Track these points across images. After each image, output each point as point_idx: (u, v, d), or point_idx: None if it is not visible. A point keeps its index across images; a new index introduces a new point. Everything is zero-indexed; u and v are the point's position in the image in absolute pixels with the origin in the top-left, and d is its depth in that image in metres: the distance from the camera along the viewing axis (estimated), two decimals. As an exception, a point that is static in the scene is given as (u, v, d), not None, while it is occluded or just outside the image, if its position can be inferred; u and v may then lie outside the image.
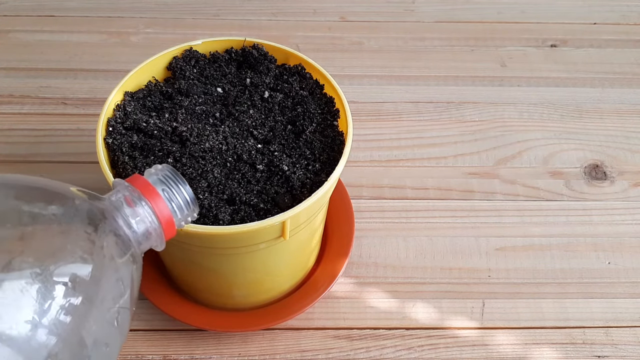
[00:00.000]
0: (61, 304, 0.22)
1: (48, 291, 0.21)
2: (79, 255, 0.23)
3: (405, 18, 0.65)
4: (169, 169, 0.27)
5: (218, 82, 0.38)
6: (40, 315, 0.21)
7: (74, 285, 0.22)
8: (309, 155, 0.34)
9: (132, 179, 0.26)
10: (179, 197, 0.27)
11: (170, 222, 0.26)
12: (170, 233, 0.27)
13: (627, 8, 0.68)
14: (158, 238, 0.26)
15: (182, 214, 0.27)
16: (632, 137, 0.54)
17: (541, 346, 0.41)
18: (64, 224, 0.23)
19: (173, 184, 0.27)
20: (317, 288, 0.41)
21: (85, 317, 0.22)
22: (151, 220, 0.26)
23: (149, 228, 0.26)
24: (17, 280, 0.21)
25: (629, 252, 0.46)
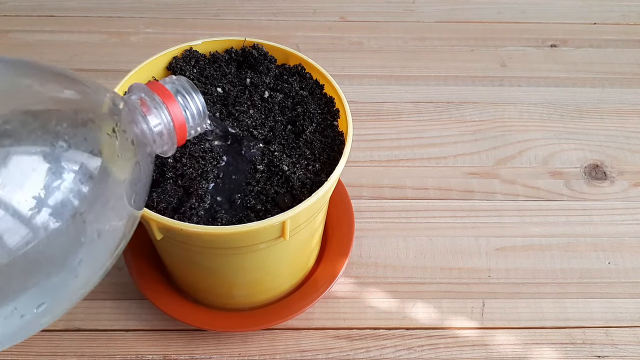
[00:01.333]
0: (70, 188, 0.22)
1: (57, 172, 0.21)
2: (95, 143, 0.23)
3: (405, 18, 0.65)
4: (185, 79, 0.29)
5: (218, 82, 0.38)
6: (47, 194, 0.21)
7: (85, 173, 0.22)
8: (309, 155, 0.34)
9: (151, 84, 0.28)
10: (192, 104, 0.28)
11: (183, 127, 0.28)
12: (182, 138, 0.28)
13: (627, 8, 0.68)
14: (170, 141, 0.28)
15: (193, 121, 0.29)
16: (632, 137, 0.54)
17: (541, 346, 0.41)
18: (84, 110, 0.24)
19: (187, 92, 0.28)
20: (317, 288, 0.41)
21: (91, 204, 0.22)
22: (167, 122, 0.27)
23: (163, 129, 0.27)
24: (28, 155, 0.21)
25: (629, 252, 0.46)
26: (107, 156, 0.23)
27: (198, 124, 0.29)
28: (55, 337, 0.41)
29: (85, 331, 0.41)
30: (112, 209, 0.24)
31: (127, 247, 0.41)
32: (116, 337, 0.41)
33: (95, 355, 0.40)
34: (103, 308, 0.42)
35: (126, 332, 0.41)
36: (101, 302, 0.42)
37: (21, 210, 0.20)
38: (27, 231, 0.20)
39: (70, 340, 0.41)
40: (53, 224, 0.21)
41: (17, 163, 0.21)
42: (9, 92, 0.22)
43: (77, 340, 0.41)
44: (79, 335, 0.41)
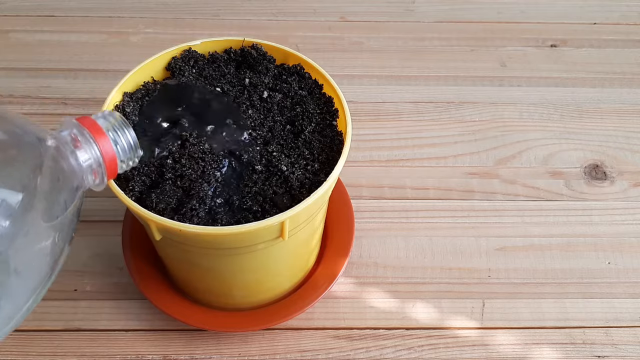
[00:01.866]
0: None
1: None
2: (17, 180, 0.23)
3: (405, 18, 0.65)
4: (118, 115, 0.29)
5: (217, 82, 0.38)
6: None
7: (5, 210, 0.22)
8: (308, 155, 0.34)
9: (81, 119, 0.28)
10: (123, 139, 0.29)
11: (114, 162, 0.28)
12: (112, 173, 0.29)
13: (627, 8, 0.68)
14: (100, 176, 0.28)
15: (125, 156, 0.29)
16: (632, 137, 0.54)
17: (541, 346, 0.41)
18: (7, 147, 0.24)
19: (119, 127, 0.29)
20: (317, 288, 0.41)
21: (11, 241, 0.23)
22: (97, 157, 0.28)
23: (93, 164, 0.28)
24: None
25: (629, 252, 0.46)
26: (29, 192, 0.23)
27: (129, 158, 0.30)
28: (55, 337, 0.41)
29: (85, 331, 0.41)
30: (34, 246, 0.24)
31: (127, 247, 0.41)
32: (116, 337, 0.41)
33: (95, 355, 0.40)
34: (103, 308, 0.42)
35: (126, 332, 0.41)
36: (101, 302, 0.42)
37: None
38: None
39: (70, 340, 0.41)
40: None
41: None
42: None
43: (77, 340, 0.41)
44: (79, 335, 0.41)
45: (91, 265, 0.44)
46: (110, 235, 0.45)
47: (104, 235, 0.45)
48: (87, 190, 0.28)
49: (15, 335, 0.41)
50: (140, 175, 0.32)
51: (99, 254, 0.45)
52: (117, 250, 0.43)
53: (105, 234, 0.45)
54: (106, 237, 0.45)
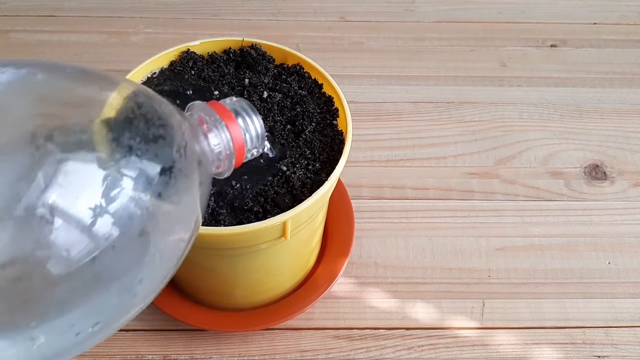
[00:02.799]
0: (136, 203, 0.21)
1: (116, 181, 0.20)
2: (165, 160, 0.22)
3: (405, 18, 0.65)
4: (245, 101, 0.28)
5: (216, 83, 0.38)
6: (107, 202, 0.20)
7: (153, 190, 0.22)
8: (309, 155, 0.34)
9: (212, 104, 0.27)
10: (251, 126, 0.28)
11: (242, 149, 0.27)
12: (239, 160, 0.28)
13: (627, 8, 0.68)
14: (228, 162, 0.27)
15: (252, 144, 0.28)
16: (632, 137, 0.54)
17: (541, 346, 0.41)
18: (155, 125, 0.23)
19: (247, 114, 0.28)
20: (317, 288, 0.41)
21: (164, 208, 0.22)
22: (226, 142, 0.27)
23: (222, 150, 0.27)
24: (86, 162, 0.20)
25: (629, 252, 0.46)
26: (175, 174, 0.23)
27: (256, 147, 0.28)
28: (55, 337, 0.41)
29: (85, 331, 0.41)
30: (176, 228, 0.23)
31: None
32: (116, 337, 0.41)
33: (95, 355, 0.40)
34: (103, 308, 0.42)
35: (126, 332, 0.41)
36: (101, 302, 0.42)
37: (83, 219, 0.20)
38: (89, 242, 0.20)
39: (70, 340, 0.41)
40: (116, 237, 0.20)
41: (83, 172, 0.20)
42: (84, 100, 0.22)
43: (77, 340, 0.41)
44: (79, 335, 0.41)
45: (91, 265, 0.44)
46: (110, 235, 0.45)
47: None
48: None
49: (15, 335, 0.41)
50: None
51: (99, 254, 0.45)
52: (117, 250, 0.43)
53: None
54: (106, 237, 0.45)
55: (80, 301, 0.21)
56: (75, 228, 0.19)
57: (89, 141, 0.21)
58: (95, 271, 0.20)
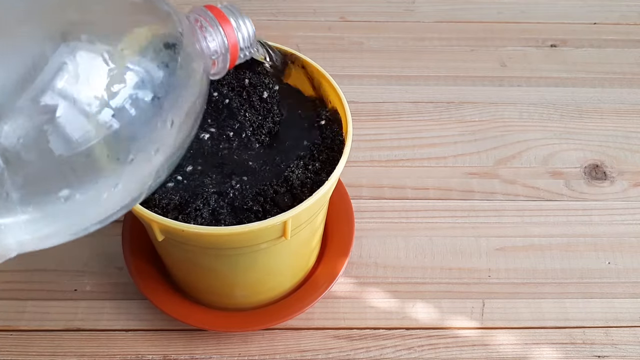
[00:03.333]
0: (137, 89, 0.23)
1: (127, 72, 0.23)
2: (162, 49, 0.25)
3: (405, 18, 0.65)
4: (235, 5, 0.31)
5: (216, 83, 0.38)
6: (116, 93, 0.23)
7: (153, 76, 0.24)
8: (309, 154, 0.34)
9: (207, 6, 0.30)
10: (243, 27, 0.30)
11: (235, 47, 0.30)
12: (233, 59, 0.30)
13: (627, 8, 0.68)
14: (223, 61, 0.30)
15: (244, 43, 0.30)
16: (632, 137, 0.54)
17: (541, 346, 0.41)
18: (152, 14, 0.26)
19: (240, 16, 0.30)
20: (317, 288, 0.41)
21: (156, 111, 0.24)
22: (221, 41, 0.29)
23: (217, 48, 0.29)
24: (95, 54, 0.22)
25: (629, 252, 0.46)
26: (178, 52, 0.25)
27: (247, 47, 0.31)
28: (56, 337, 0.41)
29: (85, 331, 0.41)
30: (184, 102, 0.26)
31: (127, 247, 0.41)
32: (116, 337, 0.41)
33: (95, 355, 0.40)
34: (103, 308, 0.42)
35: (126, 332, 0.41)
36: (101, 302, 0.42)
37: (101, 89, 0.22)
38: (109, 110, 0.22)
39: (70, 340, 0.41)
40: (135, 102, 0.23)
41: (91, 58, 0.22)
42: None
43: (77, 340, 0.41)
44: (79, 335, 0.41)
45: (91, 265, 0.44)
46: (110, 235, 0.45)
47: (104, 235, 0.45)
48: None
49: (15, 335, 0.41)
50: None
51: (99, 254, 0.45)
52: (117, 250, 0.43)
53: (105, 234, 0.45)
54: (106, 237, 0.45)
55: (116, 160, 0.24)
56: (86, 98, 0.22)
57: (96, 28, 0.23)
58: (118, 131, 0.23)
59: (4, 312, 0.42)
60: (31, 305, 0.42)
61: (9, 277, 0.43)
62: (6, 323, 0.41)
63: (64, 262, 0.44)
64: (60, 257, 0.44)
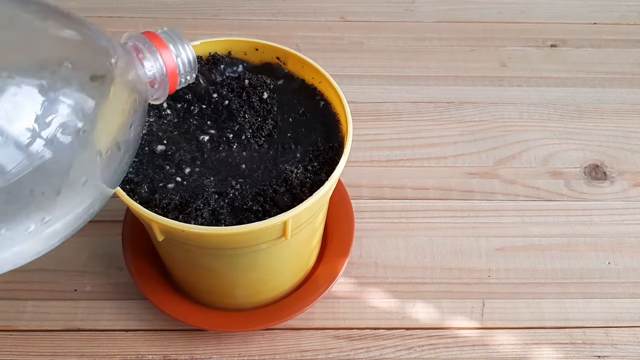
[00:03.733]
0: (62, 122, 0.23)
1: (51, 107, 0.23)
2: (88, 82, 0.24)
3: (405, 18, 0.65)
4: (176, 31, 0.30)
5: (215, 85, 0.38)
6: (41, 127, 0.22)
7: (79, 109, 0.24)
8: (309, 155, 0.34)
9: (145, 33, 0.29)
10: (183, 53, 0.30)
11: (175, 73, 0.30)
12: (173, 85, 0.30)
13: (627, 8, 0.68)
14: (163, 87, 0.30)
15: (184, 69, 0.30)
16: (632, 137, 0.54)
17: (541, 346, 0.41)
18: (79, 48, 0.25)
19: (179, 41, 0.30)
20: (317, 288, 0.41)
21: (82, 144, 0.24)
22: (160, 67, 0.29)
23: (156, 74, 0.29)
24: (24, 86, 0.22)
25: (629, 252, 0.46)
26: (108, 82, 0.25)
27: (188, 72, 0.30)
28: (56, 337, 0.41)
29: (85, 331, 0.41)
30: (113, 133, 0.26)
31: (127, 247, 0.41)
32: (116, 337, 0.41)
33: (95, 355, 0.40)
34: (103, 308, 0.42)
35: (126, 332, 0.41)
36: (101, 302, 0.42)
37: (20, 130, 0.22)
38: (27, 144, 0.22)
39: (70, 340, 0.41)
40: (59, 137, 0.23)
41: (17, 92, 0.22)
42: (11, 23, 0.23)
43: (77, 340, 0.41)
44: (79, 335, 0.41)
45: (91, 265, 0.44)
46: (110, 235, 0.45)
47: (104, 235, 0.45)
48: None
49: (15, 335, 0.41)
50: (145, 182, 0.33)
51: (99, 254, 0.45)
52: (117, 250, 0.43)
53: (105, 234, 0.45)
54: (106, 237, 0.45)
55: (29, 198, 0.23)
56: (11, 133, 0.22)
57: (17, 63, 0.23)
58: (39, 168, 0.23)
59: (4, 312, 0.42)
60: (31, 305, 0.42)
61: (9, 277, 0.43)
62: (6, 323, 0.41)
63: (64, 262, 0.44)
64: (60, 257, 0.44)
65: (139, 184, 0.32)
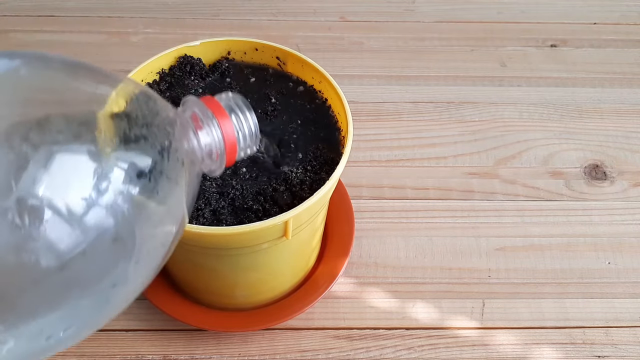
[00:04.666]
0: (121, 190, 0.20)
1: (105, 174, 0.20)
2: (147, 149, 0.22)
3: (405, 18, 0.65)
4: (240, 98, 0.27)
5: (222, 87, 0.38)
6: (97, 195, 0.20)
7: (137, 176, 0.21)
8: (310, 155, 0.34)
9: (205, 99, 0.26)
10: (245, 125, 0.27)
11: (234, 147, 0.26)
12: (231, 158, 0.27)
13: (627, 8, 0.68)
14: (219, 161, 0.26)
15: (244, 143, 0.27)
16: (632, 137, 0.54)
17: (541, 346, 0.41)
18: (137, 125, 0.22)
19: (242, 111, 0.26)
20: (317, 288, 0.41)
21: (142, 212, 0.21)
22: (218, 141, 0.26)
23: (213, 149, 0.26)
24: (79, 155, 0.20)
25: (629, 252, 0.46)
26: (156, 176, 0.22)
27: (249, 146, 0.27)
28: (55, 337, 0.41)
29: (85, 331, 0.41)
30: (156, 231, 0.23)
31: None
32: (116, 337, 0.41)
33: (95, 355, 0.40)
34: (103, 308, 0.42)
35: (126, 332, 0.41)
36: (101, 302, 0.42)
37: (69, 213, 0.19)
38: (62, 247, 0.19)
39: (70, 340, 0.40)
40: (88, 243, 0.20)
41: (63, 167, 0.20)
42: (58, 92, 0.21)
43: (77, 340, 0.41)
44: (79, 335, 0.41)
45: (91, 265, 0.44)
46: (111, 235, 0.45)
47: (104, 235, 0.45)
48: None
49: (16, 335, 0.41)
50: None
51: (99, 254, 0.44)
52: (117, 250, 0.43)
53: (106, 234, 0.45)
54: (106, 237, 0.45)
55: (51, 306, 0.20)
56: (49, 233, 0.19)
57: (63, 134, 0.20)
58: (67, 277, 0.20)
59: (4, 312, 0.42)
60: (31, 305, 0.42)
61: (9, 277, 0.43)
62: (6, 323, 0.41)
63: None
64: (60, 257, 0.44)
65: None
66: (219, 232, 0.30)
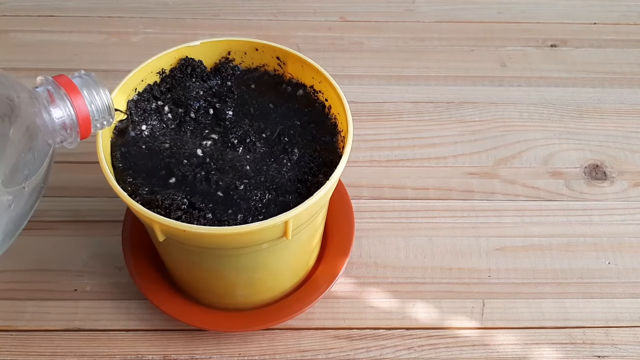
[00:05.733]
0: None
1: None
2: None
3: (405, 18, 0.65)
4: (92, 75, 0.30)
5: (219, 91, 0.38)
6: None
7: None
8: (310, 155, 0.34)
9: (58, 77, 0.29)
10: (98, 99, 0.30)
11: (87, 121, 0.29)
12: (85, 131, 0.30)
13: (627, 8, 0.68)
14: (73, 134, 0.29)
15: (98, 115, 0.30)
16: (632, 137, 0.54)
17: (541, 346, 0.41)
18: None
19: (94, 86, 0.30)
20: (317, 288, 0.41)
21: None
22: (70, 115, 0.29)
23: (66, 122, 0.29)
24: None
25: (629, 252, 0.46)
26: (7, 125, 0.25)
27: (104, 118, 0.30)
28: (55, 337, 0.41)
29: (85, 331, 0.41)
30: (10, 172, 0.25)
31: (127, 247, 0.41)
32: (116, 337, 0.41)
33: (95, 355, 0.40)
34: (103, 308, 0.42)
35: (126, 332, 0.41)
36: (101, 302, 0.42)
37: None
38: None
39: (70, 340, 0.41)
40: None
41: None
42: None
43: (77, 340, 0.41)
44: (79, 335, 0.41)
45: (91, 265, 0.44)
46: (110, 235, 0.45)
47: (104, 235, 0.45)
48: (85, 189, 0.28)
49: (15, 335, 0.41)
50: (146, 185, 0.33)
51: (99, 254, 0.45)
52: (117, 250, 0.43)
53: (105, 234, 0.45)
54: (106, 237, 0.45)
55: None
56: None
57: None
58: None
59: (4, 312, 0.42)
60: (31, 305, 0.42)
61: (9, 277, 0.43)
62: (6, 323, 0.41)
63: (64, 262, 0.44)
64: (60, 257, 0.44)
65: (140, 185, 0.32)
66: (219, 232, 0.30)
